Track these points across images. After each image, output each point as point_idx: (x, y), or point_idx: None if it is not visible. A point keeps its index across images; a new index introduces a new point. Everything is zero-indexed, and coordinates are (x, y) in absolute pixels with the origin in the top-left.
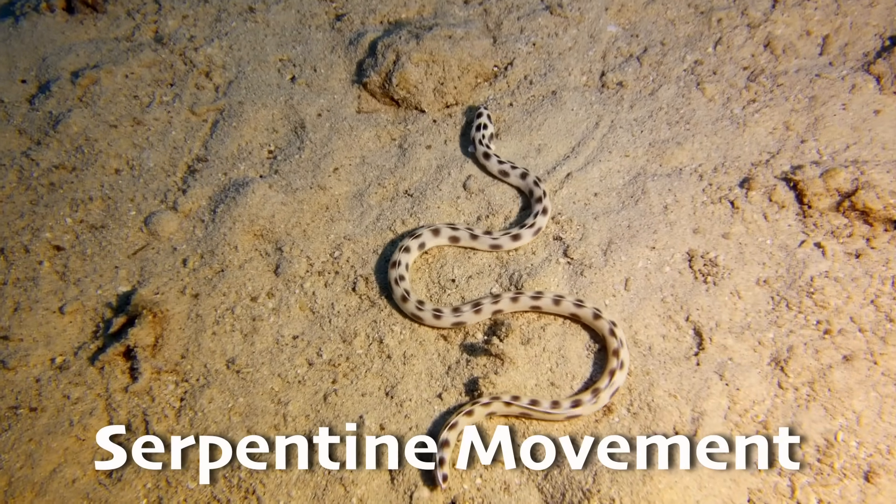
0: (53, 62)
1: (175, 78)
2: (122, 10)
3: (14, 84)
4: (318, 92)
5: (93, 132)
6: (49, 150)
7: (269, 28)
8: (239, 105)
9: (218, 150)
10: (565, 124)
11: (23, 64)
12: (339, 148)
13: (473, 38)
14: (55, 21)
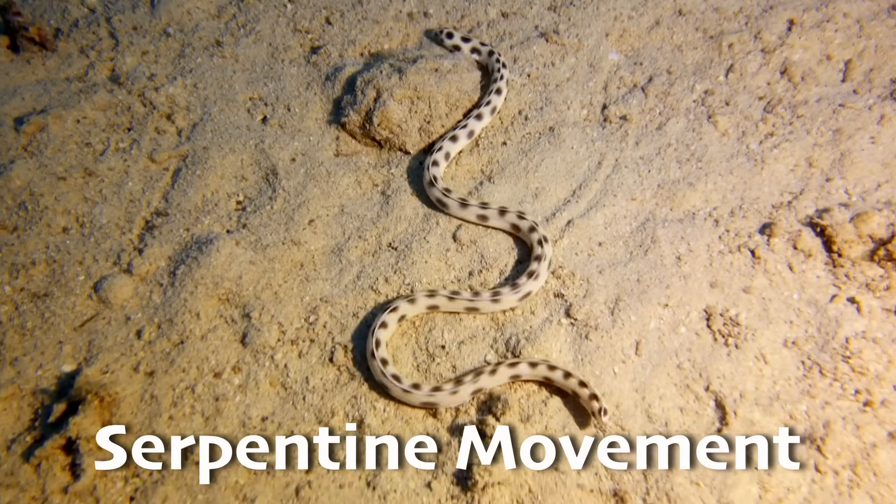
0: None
1: (133, 122)
2: (74, 48)
3: None
4: (291, 134)
5: (38, 186)
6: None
7: (239, 63)
8: (204, 150)
9: (180, 202)
10: (565, 164)
11: None
12: (315, 196)
13: (462, 71)
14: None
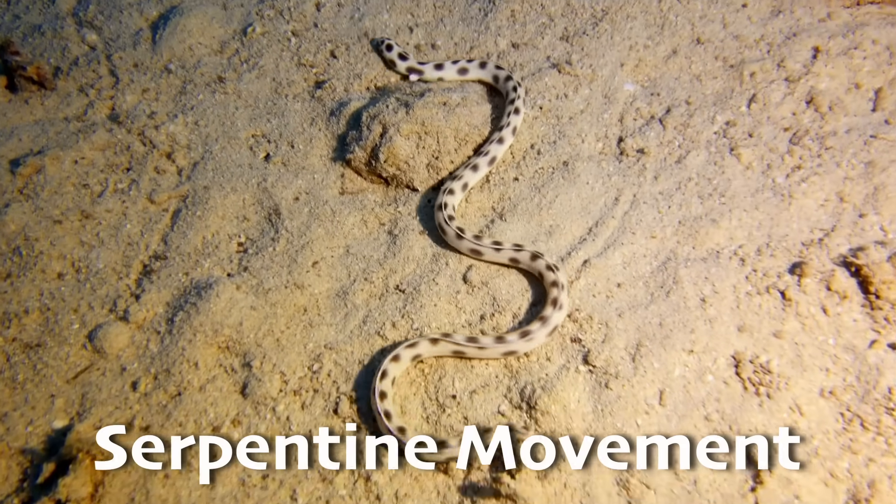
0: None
1: (132, 161)
2: (73, 86)
3: None
4: (295, 171)
5: (33, 230)
6: None
7: (241, 100)
8: (204, 190)
9: (179, 244)
10: (580, 200)
11: None
12: (319, 237)
13: (471, 104)
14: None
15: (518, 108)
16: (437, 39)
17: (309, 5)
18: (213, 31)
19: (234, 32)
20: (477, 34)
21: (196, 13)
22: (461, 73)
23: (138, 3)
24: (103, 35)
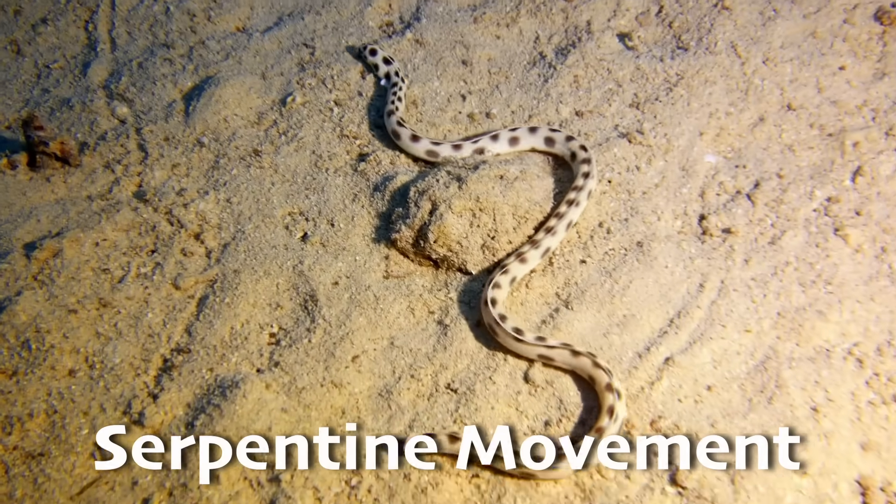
0: (6, 232)
1: (158, 243)
2: (99, 162)
3: None
4: (335, 253)
5: (45, 321)
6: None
7: (278, 174)
8: (235, 274)
9: (204, 336)
10: (658, 287)
11: None
12: (360, 327)
13: (532, 178)
14: (16, 181)
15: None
16: (493, 108)
17: (353, 73)
18: (251, 102)
19: (273, 103)
20: (536, 101)
21: (232, 83)
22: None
23: (173, 73)
24: (134, 108)
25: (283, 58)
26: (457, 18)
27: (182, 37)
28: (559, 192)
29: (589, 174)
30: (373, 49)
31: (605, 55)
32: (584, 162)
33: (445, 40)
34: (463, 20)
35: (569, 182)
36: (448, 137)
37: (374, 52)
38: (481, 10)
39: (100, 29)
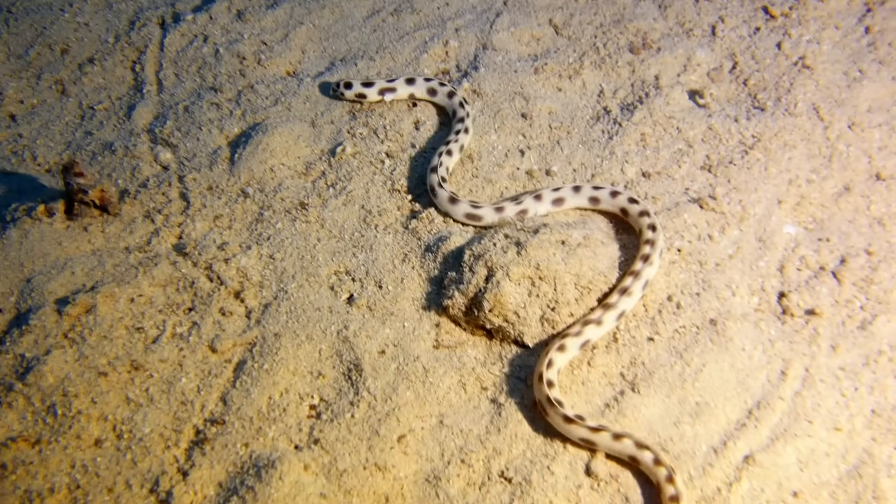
0: (39, 285)
1: (196, 301)
2: (139, 211)
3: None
4: (382, 318)
5: (74, 384)
6: (10, 411)
7: (324, 230)
8: (275, 338)
9: (241, 405)
10: (734, 372)
11: (1, 286)
12: (407, 402)
13: (595, 244)
14: (52, 229)
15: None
16: (553, 164)
17: (406, 123)
18: (299, 151)
19: (322, 153)
20: (600, 160)
21: (281, 130)
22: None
23: (219, 118)
24: (178, 154)
25: (334, 105)
26: (517, 69)
27: (231, 80)
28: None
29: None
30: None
31: (675, 112)
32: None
33: (504, 91)
34: (523, 71)
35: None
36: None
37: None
38: (542, 61)
39: (147, 70)
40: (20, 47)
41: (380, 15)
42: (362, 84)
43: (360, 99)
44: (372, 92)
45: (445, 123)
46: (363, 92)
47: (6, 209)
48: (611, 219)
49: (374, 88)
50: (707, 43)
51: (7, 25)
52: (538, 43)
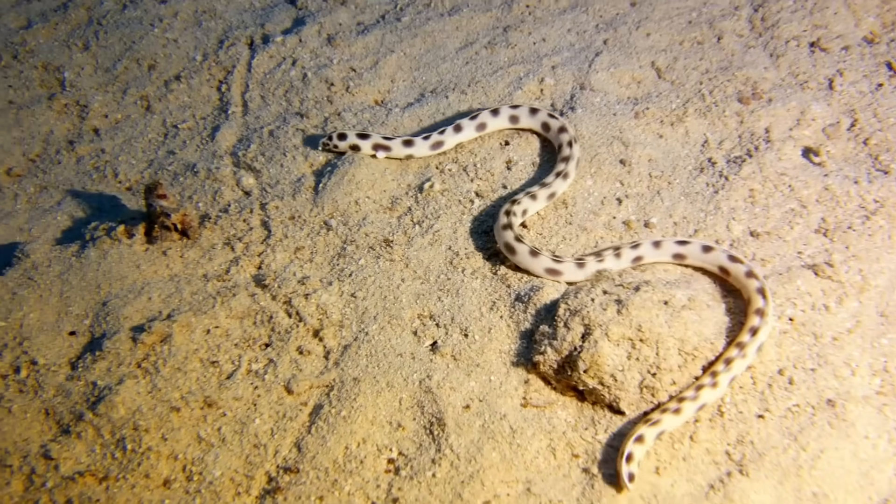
0: (115, 309)
1: (273, 336)
2: (219, 237)
3: (59, 336)
4: (467, 369)
5: (145, 417)
6: (79, 443)
7: (409, 269)
8: (354, 383)
9: (316, 453)
10: (857, 462)
11: (77, 308)
12: (493, 465)
13: (701, 307)
14: (131, 251)
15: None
16: (652, 216)
17: (498, 162)
18: (385, 185)
19: (409, 187)
20: (703, 214)
21: (368, 162)
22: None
23: (305, 145)
24: (261, 179)
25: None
26: (615, 111)
27: (317, 106)
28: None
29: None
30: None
31: (787, 169)
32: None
33: (602, 135)
34: (622, 114)
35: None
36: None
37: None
38: (643, 105)
39: (233, 91)
40: (108, 61)
41: (473, 47)
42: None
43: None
44: (366, 145)
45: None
46: (357, 143)
47: (86, 227)
48: (712, 277)
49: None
50: (823, 97)
51: (97, 38)
52: (639, 86)
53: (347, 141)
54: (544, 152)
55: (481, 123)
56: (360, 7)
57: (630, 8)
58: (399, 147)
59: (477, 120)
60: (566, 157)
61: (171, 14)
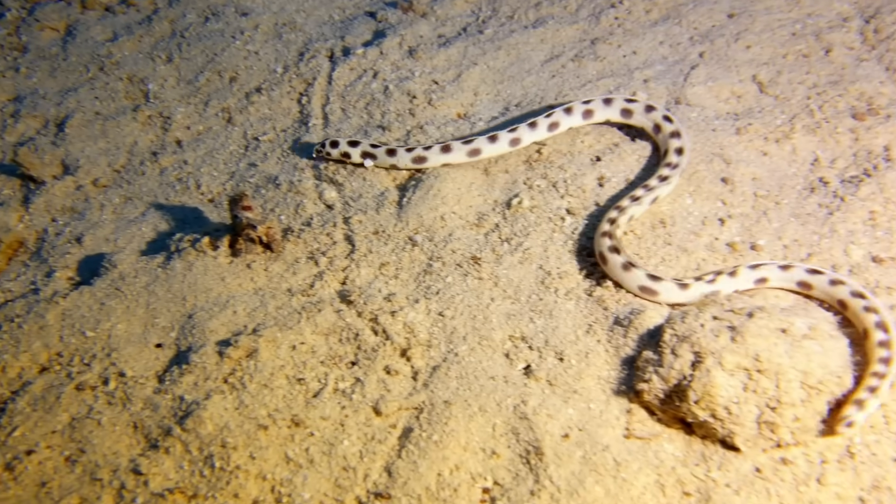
0: (201, 321)
1: (359, 354)
2: (302, 251)
3: (146, 348)
4: (564, 396)
5: (233, 434)
6: (168, 458)
7: (498, 288)
8: (445, 406)
9: (407, 479)
10: None
11: (164, 320)
12: (596, 499)
13: (823, 338)
14: (216, 263)
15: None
16: (759, 238)
17: (589, 178)
18: (471, 200)
19: (496, 203)
20: (817, 237)
21: (453, 176)
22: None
23: None
24: (343, 193)
25: (509, 153)
26: (715, 127)
27: (399, 119)
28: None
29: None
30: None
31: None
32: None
33: (701, 151)
34: (723, 130)
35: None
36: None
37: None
38: (745, 121)
39: (313, 103)
40: (191, 73)
41: (559, 60)
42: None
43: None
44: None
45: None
46: (347, 150)
47: (170, 238)
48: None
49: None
50: None
51: (180, 50)
52: (739, 101)
53: (339, 149)
54: (640, 169)
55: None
56: (440, 20)
57: (727, 20)
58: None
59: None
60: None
61: (253, 26)
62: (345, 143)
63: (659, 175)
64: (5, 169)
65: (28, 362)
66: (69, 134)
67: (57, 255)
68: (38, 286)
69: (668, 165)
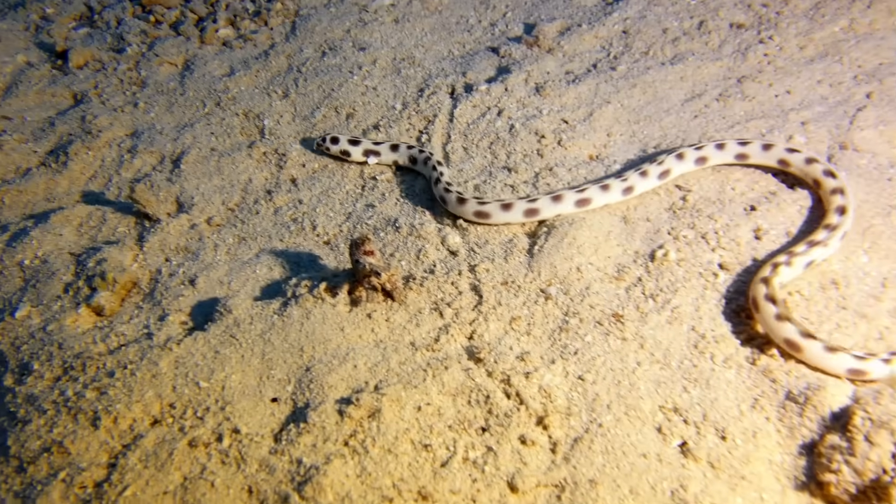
0: (320, 375)
1: (490, 420)
2: (426, 301)
3: (261, 402)
4: (730, 482)
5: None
6: None
7: (644, 351)
8: (590, 485)
9: None
10: None
11: (279, 372)
12: None
13: None
14: (335, 311)
15: None
16: None
17: (744, 230)
18: (609, 250)
19: (637, 255)
20: None
21: (590, 223)
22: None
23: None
24: (468, 238)
25: (648, 199)
26: (890, 176)
27: (527, 160)
28: None
29: None
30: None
31: None
32: None
33: (875, 203)
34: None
35: None
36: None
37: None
38: None
39: (434, 141)
40: (307, 108)
41: (702, 99)
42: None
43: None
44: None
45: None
46: (347, 149)
47: (286, 283)
48: None
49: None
50: None
51: (296, 86)
52: None
53: (339, 146)
54: (802, 221)
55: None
56: (568, 55)
57: None
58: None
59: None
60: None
61: (371, 61)
62: (345, 140)
63: (829, 227)
64: (122, 206)
65: (140, 413)
66: (184, 170)
67: (170, 298)
68: (152, 330)
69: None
